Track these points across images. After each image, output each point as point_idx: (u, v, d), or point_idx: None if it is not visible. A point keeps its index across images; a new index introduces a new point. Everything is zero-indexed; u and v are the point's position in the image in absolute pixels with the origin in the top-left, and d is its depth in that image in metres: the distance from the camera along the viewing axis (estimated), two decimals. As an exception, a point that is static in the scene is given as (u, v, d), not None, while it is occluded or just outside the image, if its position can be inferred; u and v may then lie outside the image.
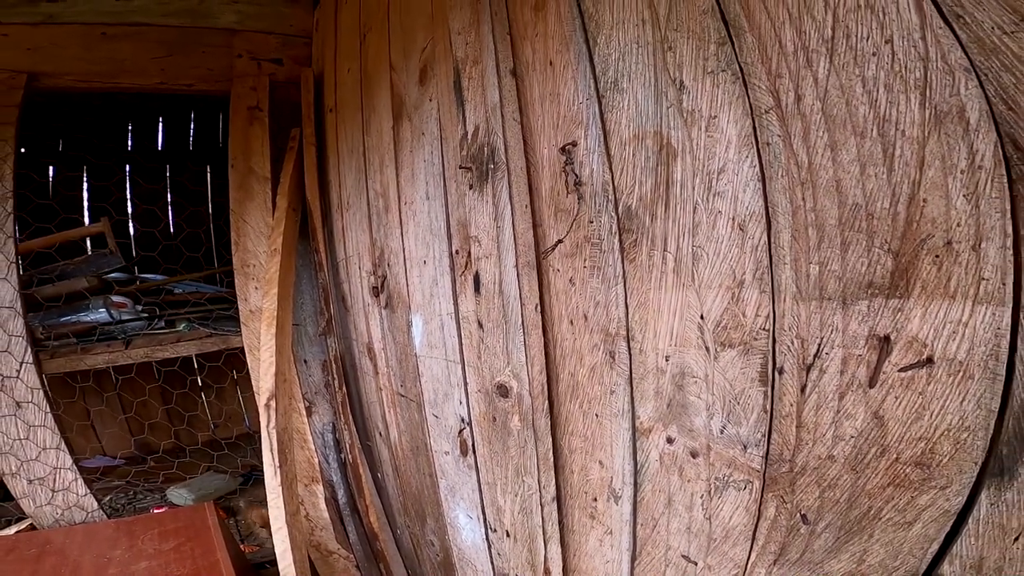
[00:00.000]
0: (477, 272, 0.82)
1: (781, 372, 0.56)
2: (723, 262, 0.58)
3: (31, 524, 1.70)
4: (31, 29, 1.58)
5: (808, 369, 0.54)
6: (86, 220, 2.66)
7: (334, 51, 1.57)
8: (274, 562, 1.85)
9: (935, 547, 0.51)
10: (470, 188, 0.84)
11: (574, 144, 0.71)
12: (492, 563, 1.08)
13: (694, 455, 0.66)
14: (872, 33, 0.46)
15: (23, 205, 1.61)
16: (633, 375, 0.70)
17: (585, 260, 0.72)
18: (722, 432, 0.62)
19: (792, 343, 0.55)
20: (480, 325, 0.83)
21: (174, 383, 2.77)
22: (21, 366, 1.56)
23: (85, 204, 2.73)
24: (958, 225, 0.43)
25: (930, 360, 0.47)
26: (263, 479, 2.76)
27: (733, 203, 0.56)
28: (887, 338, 0.49)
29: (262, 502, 2.30)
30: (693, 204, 0.60)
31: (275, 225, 1.40)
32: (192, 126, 2.97)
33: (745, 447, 0.61)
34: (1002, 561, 0.49)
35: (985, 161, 0.42)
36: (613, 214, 0.68)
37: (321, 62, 1.70)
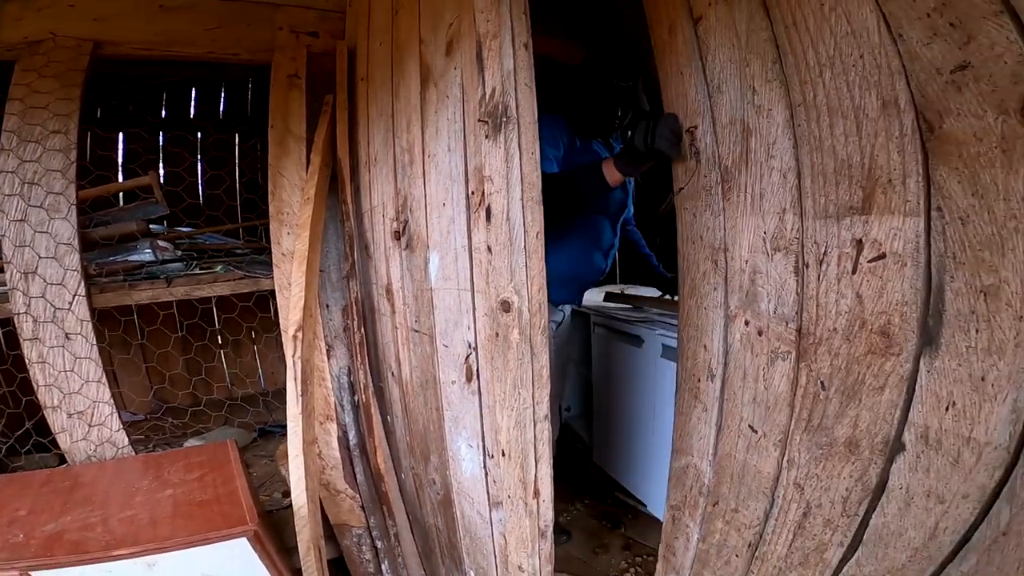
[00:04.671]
0: (489, 205, 0.98)
1: (807, 266, 0.79)
2: (775, 198, 0.84)
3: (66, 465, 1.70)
4: (97, 1, 1.73)
5: (820, 263, 0.77)
6: (119, 177, 2.85)
7: (367, 27, 1.72)
8: (280, 509, 1.96)
9: (899, 414, 0.70)
10: (486, 137, 1.00)
11: (695, 127, 0.99)
12: (488, 492, 1.17)
13: (760, 333, 0.88)
14: (854, 52, 0.70)
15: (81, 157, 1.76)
16: (728, 275, 0.94)
17: (701, 201, 1.00)
18: (774, 312, 0.85)
19: (812, 246, 0.78)
20: (489, 249, 0.99)
21: (194, 335, 2.93)
22: (74, 298, 1.66)
23: (119, 164, 2.92)
24: (894, 170, 0.67)
25: (883, 255, 0.69)
26: (273, 433, 2.92)
27: (780, 161, 0.82)
28: (860, 240, 0.72)
29: (271, 457, 2.43)
30: (759, 164, 0.86)
31: (309, 178, 1.56)
32: (223, 97, 3.14)
33: (787, 323, 0.83)
34: (940, 433, 0.66)
35: (907, 129, 0.67)
36: (718, 172, 0.94)
37: (354, 36, 1.86)
